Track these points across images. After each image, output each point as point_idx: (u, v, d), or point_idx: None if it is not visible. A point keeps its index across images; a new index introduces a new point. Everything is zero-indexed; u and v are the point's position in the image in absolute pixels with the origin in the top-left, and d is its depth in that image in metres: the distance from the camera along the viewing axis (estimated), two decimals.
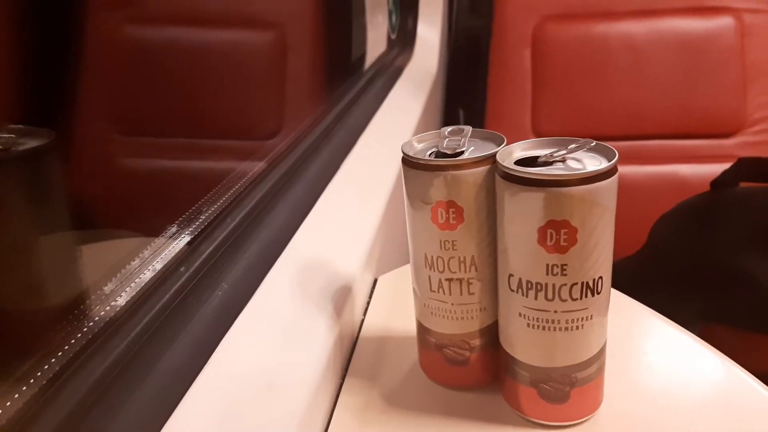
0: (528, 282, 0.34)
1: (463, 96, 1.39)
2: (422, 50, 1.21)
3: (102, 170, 0.46)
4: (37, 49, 0.49)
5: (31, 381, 0.27)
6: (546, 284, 0.33)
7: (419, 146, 0.39)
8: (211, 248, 0.39)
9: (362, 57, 1.02)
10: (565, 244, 0.32)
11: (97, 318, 0.31)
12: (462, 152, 0.36)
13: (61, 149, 0.39)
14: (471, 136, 0.38)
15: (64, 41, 0.52)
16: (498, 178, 0.34)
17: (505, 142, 0.36)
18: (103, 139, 0.51)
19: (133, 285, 0.33)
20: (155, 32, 0.64)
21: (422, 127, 0.90)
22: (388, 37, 1.13)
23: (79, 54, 0.53)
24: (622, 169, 0.33)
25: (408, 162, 0.37)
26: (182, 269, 0.36)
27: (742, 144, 1.21)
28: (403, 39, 1.18)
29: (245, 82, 0.70)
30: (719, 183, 0.85)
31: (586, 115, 1.23)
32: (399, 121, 0.84)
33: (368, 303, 0.52)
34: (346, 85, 0.83)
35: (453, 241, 0.37)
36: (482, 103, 1.31)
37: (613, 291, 0.49)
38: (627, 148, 1.20)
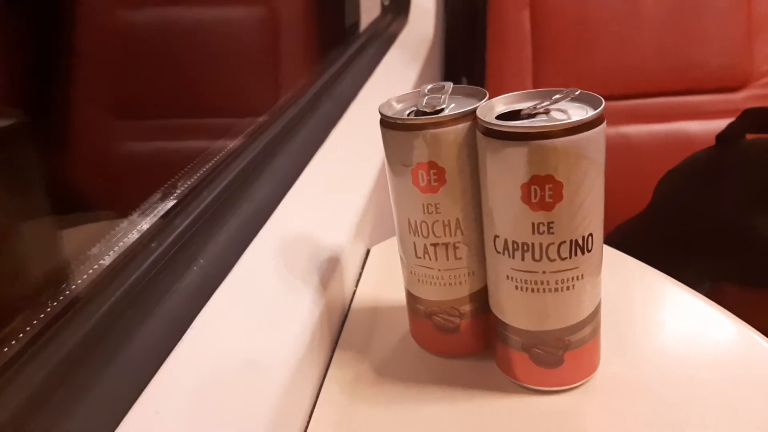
0: (514, 243, 0.32)
1: (461, 62, 1.36)
2: (417, 15, 1.17)
3: (75, 147, 0.45)
4: (16, 29, 0.47)
5: None
6: (532, 244, 0.31)
7: (398, 106, 0.37)
8: (186, 222, 0.37)
9: (355, 24, 0.99)
10: (551, 200, 0.30)
11: (63, 295, 0.30)
12: (442, 110, 0.34)
13: (32, 129, 0.38)
14: (452, 93, 0.36)
15: (40, 23, 0.50)
16: (479, 134, 0.32)
17: (486, 97, 0.34)
18: (78, 117, 0.50)
19: (102, 261, 0.32)
20: (134, 12, 0.62)
21: None
22: (382, 3, 1.10)
23: (60, 34, 0.51)
24: (627, 129, 0.31)
25: (386, 123, 0.35)
26: (154, 244, 0.34)
27: (751, 97, 1.17)
28: (398, 4, 1.15)
29: (231, 54, 0.68)
30: (725, 136, 0.82)
31: (589, 75, 1.20)
32: (392, 89, 0.82)
33: (361, 274, 0.50)
34: (336, 54, 0.80)
35: (436, 204, 0.35)
36: (482, 68, 1.28)
37: (614, 250, 0.48)
38: (632, 107, 1.17)
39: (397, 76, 0.88)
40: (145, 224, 0.35)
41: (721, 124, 0.92)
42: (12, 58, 0.46)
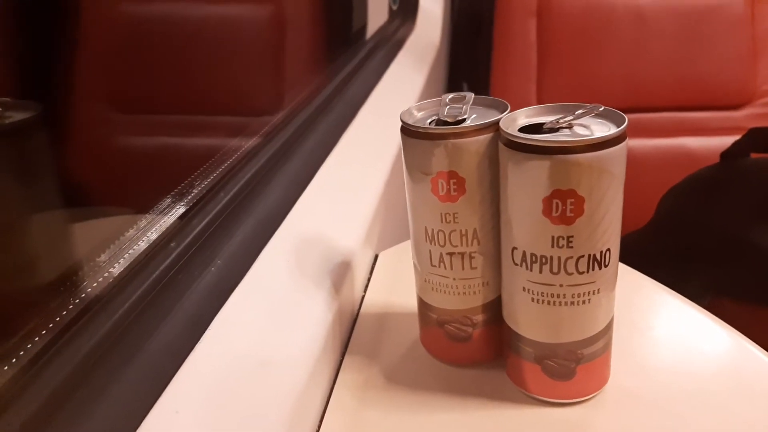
0: (532, 255, 0.32)
1: (467, 68, 1.36)
2: (424, 21, 1.18)
3: (92, 144, 0.45)
4: (28, 21, 0.47)
5: (14, 360, 0.26)
6: (551, 257, 0.32)
7: (419, 114, 0.37)
8: (203, 223, 0.37)
9: (363, 29, 0.99)
10: (572, 214, 0.30)
11: (83, 294, 0.30)
12: (463, 120, 0.34)
13: (49, 123, 0.38)
14: (473, 104, 0.36)
15: (56, 15, 0.50)
16: (501, 146, 0.32)
17: (508, 109, 0.35)
18: (94, 114, 0.50)
19: (121, 261, 0.32)
20: (149, 7, 0.62)
21: (424, 99, 0.88)
22: (390, 8, 1.11)
23: (73, 28, 0.51)
24: (631, 143, 0.31)
25: (407, 131, 0.35)
26: (173, 244, 0.34)
27: (752, 116, 1.18)
28: (405, 10, 1.15)
29: (241, 57, 0.68)
30: (729, 154, 0.83)
31: (593, 86, 1.21)
32: (400, 93, 0.82)
33: (369, 279, 0.51)
34: (345, 58, 0.81)
35: (454, 214, 0.35)
36: (486, 75, 1.28)
37: (620, 265, 0.48)
38: (634, 121, 1.17)
39: (406, 81, 0.89)
40: (163, 224, 0.35)
41: (722, 140, 0.93)
42: (24, 52, 0.46)
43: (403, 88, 0.84)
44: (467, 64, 1.36)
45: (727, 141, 0.93)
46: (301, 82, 0.72)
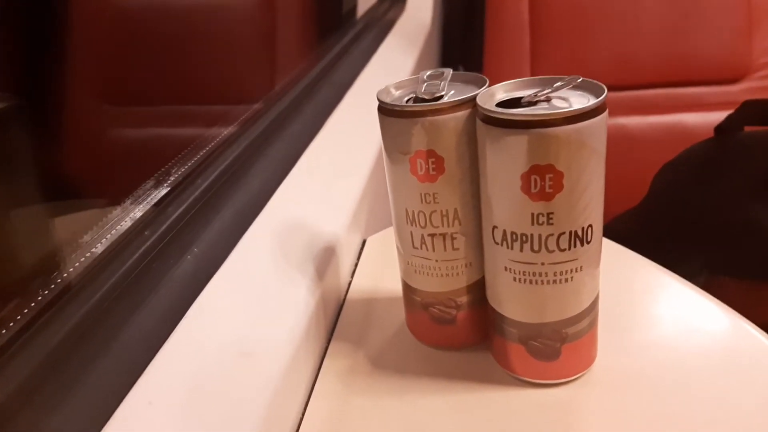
0: (513, 233, 0.31)
1: (459, 50, 1.34)
2: (415, 2, 1.16)
3: (67, 134, 0.44)
4: (9, 13, 0.46)
5: None
6: (531, 235, 0.31)
7: (397, 93, 0.36)
8: (180, 210, 0.37)
9: (352, 10, 0.98)
10: (551, 190, 0.30)
11: (54, 284, 0.29)
12: (441, 97, 0.34)
13: (22, 113, 0.37)
14: (452, 80, 0.36)
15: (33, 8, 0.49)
16: (478, 122, 0.31)
17: (486, 84, 0.34)
18: (71, 104, 0.49)
19: (94, 249, 0.31)
20: None
21: None
22: None
23: (52, 18, 0.50)
24: (626, 120, 0.30)
25: (383, 110, 0.34)
26: (147, 233, 0.34)
27: (749, 90, 1.17)
28: None
29: (224, 42, 0.67)
30: (724, 128, 0.81)
31: (587, 64, 1.19)
32: (388, 76, 0.81)
33: (356, 264, 0.50)
34: (332, 40, 0.79)
35: (434, 194, 0.34)
36: (479, 56, 1.27)
37: (612, 243, 0.47)
38: (630, 98, 1.17)
39: (395, 63, 0.87)
40: (138, 212, 0.35)
41: (719, 115, 0.92)
42: (3, 42, 0.45)
43: (391, 71, 0.83)
44: (460, 45, 1.34)
45: (724, 116, 0.91)
46: (286, 65, 0.71)
